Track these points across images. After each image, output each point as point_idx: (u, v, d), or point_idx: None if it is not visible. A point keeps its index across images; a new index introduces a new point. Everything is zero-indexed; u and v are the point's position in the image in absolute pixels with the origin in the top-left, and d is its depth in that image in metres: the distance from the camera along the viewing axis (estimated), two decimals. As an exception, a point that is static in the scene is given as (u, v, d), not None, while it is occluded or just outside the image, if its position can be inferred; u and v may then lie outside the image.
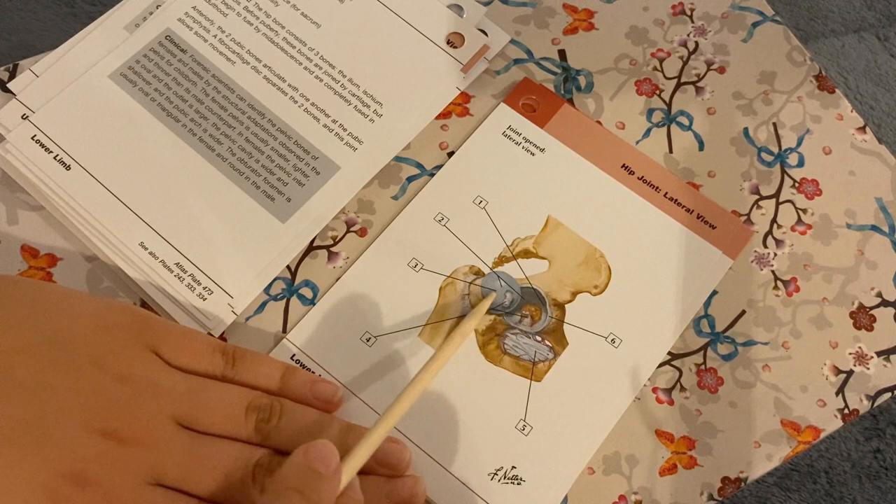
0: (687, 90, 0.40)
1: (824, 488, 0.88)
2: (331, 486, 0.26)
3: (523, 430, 0.33)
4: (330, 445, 0.26)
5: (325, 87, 0.38)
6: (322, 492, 0.25)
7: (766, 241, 0.37)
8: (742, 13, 0.42)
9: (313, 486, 0.25)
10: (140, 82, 0.37)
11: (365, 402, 0.33)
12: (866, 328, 0.36)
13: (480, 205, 0.37)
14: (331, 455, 0.26)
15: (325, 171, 0.36)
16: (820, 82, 0.40)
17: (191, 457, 0.28)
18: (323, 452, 0.26)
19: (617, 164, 0.38)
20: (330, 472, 0.26)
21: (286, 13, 0.39)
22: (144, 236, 0.34)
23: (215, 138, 0.36)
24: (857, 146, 0.39)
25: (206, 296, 0.34)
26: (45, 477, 0.25)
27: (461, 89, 0.39)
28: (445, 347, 0.32)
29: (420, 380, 0.31)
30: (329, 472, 0.26)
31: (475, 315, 0.34)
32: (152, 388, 0.28)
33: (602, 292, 0.35)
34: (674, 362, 0.35)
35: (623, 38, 0.41)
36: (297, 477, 0.26)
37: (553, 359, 0.34)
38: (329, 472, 0.26)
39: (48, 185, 0.35)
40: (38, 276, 0.34)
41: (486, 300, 0.34)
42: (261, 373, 0.31)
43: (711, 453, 0.34)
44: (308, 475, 0.26)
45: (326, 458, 0.26)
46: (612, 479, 0.33)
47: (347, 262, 0.36)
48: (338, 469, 0.26)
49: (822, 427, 0.35)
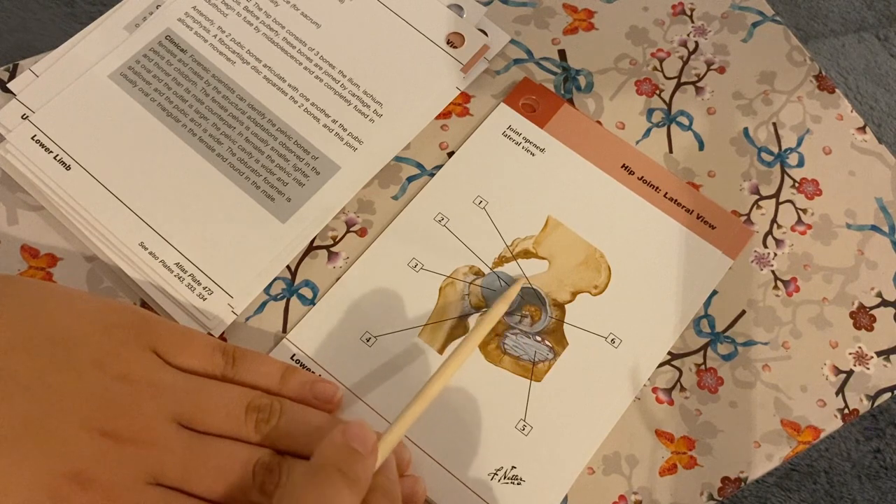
0: (687, 90, 0.40)
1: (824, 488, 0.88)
2: (368, 464, 0.27)
3: (523, 430, 0.33)
4: (367, 426, 0.27)
5: (325, 87, 0.38)
6: (359, 470, 0.26)
7: (766, 241, 0.37)
8: (742, 13, 0.42)
9: (352, 463, 0.26)
10: (140, 82, 0.37)
11: (365, 402, 0.33)
12: (866, 328, 0.36)
13: (480, 205, 0.37)
14: (368, 435, 0.27)
15: (325, 171, 0.36)
16: (820, 82, 0.40)
17: (191, 456, 0.28)
18: (361, 433, 0.27)
19: (617, 164, 0.38)
20: (367, 450, 0.27)
21: (286, 13, 0.39)
22: (144, 236, 0.34)
23: (215, 138, 0.36)
24: (857, 146, 0.39)
25: (206, 296, 0.34)
26: (45, 477, 0.25)
27: (461, 89, 0.39)
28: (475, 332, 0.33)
29: (455, 359, 0.32)
30: (367, 451, 0.27)
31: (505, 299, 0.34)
32: (152, 387, 0.28)
33: (602, 292, 0.35)
34: (674, 362, 0.35)
35: (623, 38, 0.41)
36: (336, 455, 0.26)
37: (553, 359, 0.34)
38: (367, 451, 0.27)
39: (48, 185, 0.35)
40: (38, 276, 0.34)
41: (516, 284, 0.35)
42: (261, 373, 0.31)
43: (711, 453, 0.34)
44: (347, 453, 0.26)
45: (364, 437, 0.27)
46: (612, 479, 0.33)
47: (347, 262, 0.36)
48: (375, 448, 0.27)
49: (822, 427, 0.35)
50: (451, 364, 0.32)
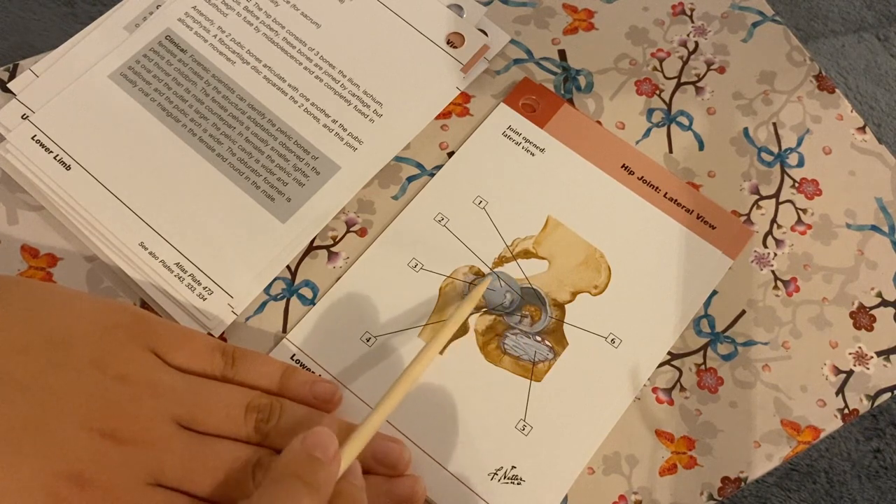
0: (687, 90, 0.40)
1: (824, 488, 0.88)
2: (330, 471, 0.26)
3: (523, 430, 0.33)
4: (327, 432, 0.27)
5: (325, 87, 0.38)
6: (321, 477, 0.26)
7: (766, 241, 0.37)
8: (742, 13, 0.42)
9: (312, 471, 0.26)
10: (140, 82, 0.37)
11: (365, 402, 0.33)
12: (866, 328, 0.36)
13: (480, 205, 0.37)
14: (329, 441, 0.26)
15: (325, 171, 0.36)
16: (820, 82, 0.40)
17: (190, 457, 0.28)
18: (321, 439, 0.26)
19: (617, 164, 0.38)
20: (329, 457, 0.26)
21: (286, 13, 0.39)
22: (144, 236, 0.34)
23: (215, 138, 0.36)
24: (857, 146, 0.39)
25: (206, 296, 0.34)
26: (44, 478, 0.25)
27: (461, 89, 0.39)
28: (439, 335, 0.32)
29: (419, 362, 0.31)
30: (328, 458, 0.26)
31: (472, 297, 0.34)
32: (152, 388, 0.28)
33: (602, 292, 0.35)
34: (674, 362, 0.35)
35: (623, 38, 0.41)
36: (295, 463, 0.26)
37: (553, 359, 0.34)
38: (328, 458, 0.26)
39: (48, 185, 0.35)
40: (38, 276, 0.34)
41: (483, 283, 0.34)
42: (260, 373, 0.31)
43: (711, 453, 0.34)
44: (307, 461, 0.26)
45: (325, 444, 0.26)
46: (612, 479, 0.33)
47: (347, 262, 0.36)
48: (336, 455, 0.27)
49: (822, 427, 0.35)
50: (412, 371, 0.31)
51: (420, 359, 0.31)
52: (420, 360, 0.31)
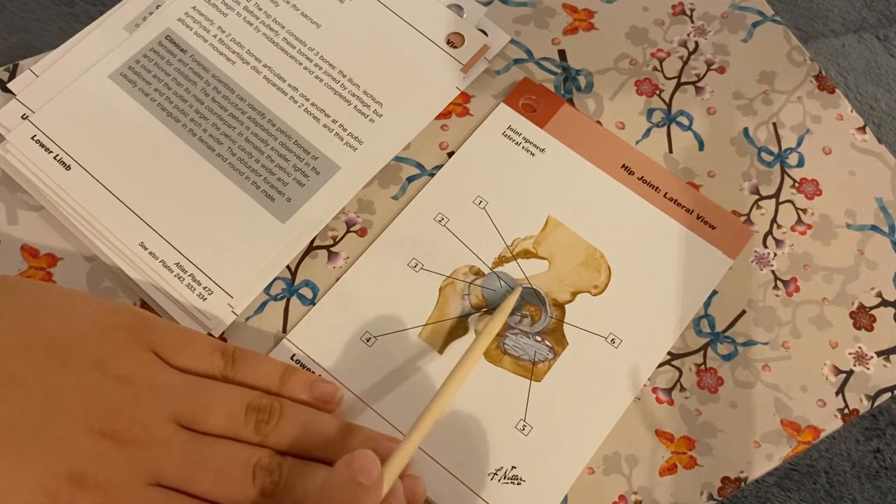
0: (687, 90, 0.40)
1: (824, 488, 0.88)
2: (374, 495, 0.26)
3: (523, 430, 0.33)
4: (372, 456, 0.27)
5: (325, 87, 0.38)
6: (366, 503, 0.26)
7: (766, 241, 0.37)
8: (742, 13, 0.42)
9: (357, 499, 0.26)
10: (140, 82, 0.37)
11: (365, 402, 0.33)
12: (866, 328, 0.36)
13: (480, 205, 0.37)
14: (373, 465, 0.26)
15: (325, 171, 0.36)
16: (820, 82, 0.40)
17: (191, 457, 0.28)
18: (366, 464, 0.26)
19: (617, 165, 0.38)
20: (373, 482, 0.26)
21: (286, 13, 0.39)
22: (144, 236, 0.34)
23: (215, 138, 0.36)
24: (857, 146, 0.39)
25: (206, 296, 0.34)
26: (44, 478, 0.25)
27: (461, 89, 0.39)
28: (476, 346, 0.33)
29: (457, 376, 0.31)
30: (372, 483, 0.26)
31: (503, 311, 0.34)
32: (152, 388, 0.28)
33: (602, 292, 0.35)
34: (674, 362, 0.35)
35: (623, 38, 0.41)
36: (341, 491, 0.26)
37: (553, 359, 0.34)
38: (372, 483, 0.26)
39: (48, 185, 0.35)
40: (38, 276, 0.34)
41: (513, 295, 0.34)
42: (261, 373, 0.31)
43: (711, 453, 0.34)
44: (352, 487, 0.26)
45: (369, 469, 0.26)
46: (612, 479, 0.33)
47: (347, 262, 0.36)
48: (380, 479, 0.27)
49: (822, 427, 0.35)
50: (453, 382, 0.31)
51: (453, 378, 0.31)
52: (453, 379, 0.31)
